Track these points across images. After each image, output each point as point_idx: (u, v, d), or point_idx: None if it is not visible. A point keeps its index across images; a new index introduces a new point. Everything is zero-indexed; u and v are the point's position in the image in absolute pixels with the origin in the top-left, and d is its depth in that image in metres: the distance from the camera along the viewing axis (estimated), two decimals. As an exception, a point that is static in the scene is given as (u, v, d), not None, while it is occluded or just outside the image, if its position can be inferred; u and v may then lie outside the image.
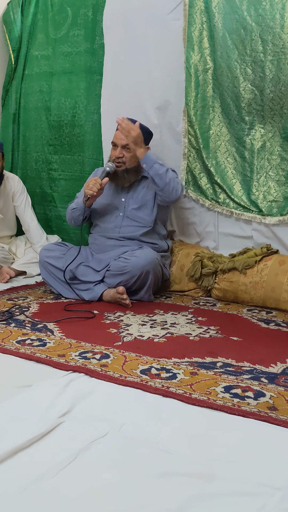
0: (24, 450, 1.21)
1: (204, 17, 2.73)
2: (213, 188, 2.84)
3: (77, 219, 2.78)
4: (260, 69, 2.57)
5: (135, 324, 2.22)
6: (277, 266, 2.51)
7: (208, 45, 2.75)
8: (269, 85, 2.56)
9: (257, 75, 2.59)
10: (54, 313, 2.38)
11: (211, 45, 2.74)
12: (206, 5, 2.71)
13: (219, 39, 2.68)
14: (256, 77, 2.60)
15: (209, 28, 2.73)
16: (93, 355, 1.81)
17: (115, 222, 2.75)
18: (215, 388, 1.54)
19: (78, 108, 3.37)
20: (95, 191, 2.61)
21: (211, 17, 2.69)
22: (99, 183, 2.62)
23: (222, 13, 2.66)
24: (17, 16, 3.59)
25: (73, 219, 2.81)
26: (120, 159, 2.69)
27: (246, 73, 2.62)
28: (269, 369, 1.70)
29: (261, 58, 2.56)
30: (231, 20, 2.63)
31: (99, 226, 2.82)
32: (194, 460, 1.18)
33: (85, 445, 1.23)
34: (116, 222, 2.75)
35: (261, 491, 1.06)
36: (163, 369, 1.69)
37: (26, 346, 1.92)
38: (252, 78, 2.61)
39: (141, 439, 1.27)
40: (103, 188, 2.66)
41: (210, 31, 2.72)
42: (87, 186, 2.63)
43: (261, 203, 2.68)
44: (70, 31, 3.35)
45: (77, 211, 2.75)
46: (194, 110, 2.83)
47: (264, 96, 2.59)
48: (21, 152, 3.71)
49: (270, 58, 2.53)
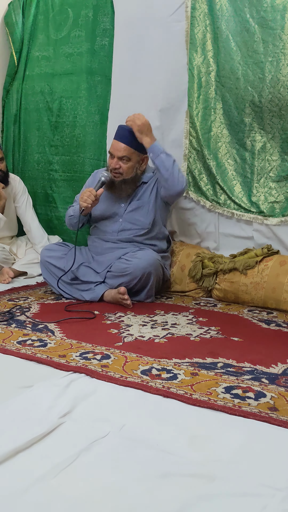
0: (25, 450, 1.21)
1: (208, 20, 2.74)
2: (214, 189, 2.84)
3: (74, 225, 2.74)
4: (260, 70, 2.58)
5: (135, 324, 2.22)
6: (278, 266, 2.51)
7: (212, 47, 2.76)
8: (267, 85, 2.56)
9: (256, 77, 2.59)
10: (55, 313, 2.38)
11: (215, 47, 2.74)
12: (209, 7, 2.72)
13: (222, 41, 2.69)
14: (255, 79, 2.60)
15: (212, 30, 2.73)
16: (94, 355, 1.81)
17: (114, 226, 2.73)
18: (216, 389, 1.54)
19: (79, 109, 3.37)
20: (90, 203, 2.57)
21: (215, 20, 2.70)
22: (94, 194, 2.57)
23: (225, 15, 2.66)
24: (19, 17, 3.59)
25: (71, 225, 2.79)
26: (117, 170, 2.63)
27: (247, 74, 2.63)
28: (269, 370, 1.70)
29: (261, 59, 2.56)
30: (234, 22, 2.64)
31: (97, 229, 2.80)
32: (195, 460, 1.18)
33: (86, 445, 1.23)
34: (114, 226, 2.73)
35: (262, 492, 1.06)
36: (164, 370, 1.69)
37: (27, 346, 1.92)
38: (252, 79, 2.61)
39: (142, 440, 1.27)
40: (98, 199, 2.61)
41: (214, 34, 2.73)
42: (82, 198, 2.59)
43: (262, 204, 2.68)
44: (71, 32, 3.35)
45: (74, 219, 2.72)
46: (196, 112, 2.84)
47: (262, 98, 2.59)
48: (22, 153, 3.71)
49: (270, 59, 2.54)
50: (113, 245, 2.70)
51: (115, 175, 2.65)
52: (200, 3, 2.74)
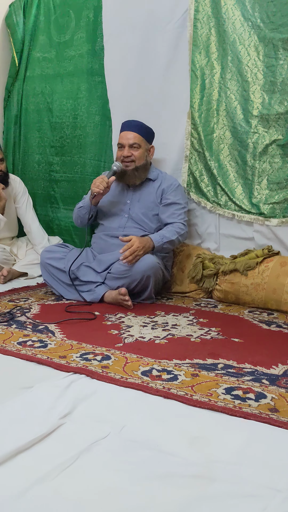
0: (25, 451, 1.21)
1: (212, 22, 2.74)
2: (215, 191, 2.85)
3: (83, 218, 2.81)
4: (271, 74, 2.58)
5: (136, 325, 2.22)
6: (279, 267, 2.51)
7: (216, 50, 2.76)
8: (279, 88, 2.57)
9: (268, 80, 2.59)
10: (55, 314, 2.38)
11: (220, 50, 2.74)
12: (213, 10, 2.72)
13: (229, 44, 2.69)
14: (266, 82, 2.60)
15: (217, 33, 2.73)
16: (94, 356, 1.81)
17: (120, 222, 2.79)
18: (216, 390, 1.54)
19: (80, 110, 3.37)
20: (102, 189, 2.66)
21: (221, 23, 2.70)
22: (106, 181, 2.67)
23: (232, 18, 2.66)
24: (20, 18, 3.59)
25: (80, 218, 2.84)
26: (129, 158, 2.72)
27: (257, 77, 2.63)
28: (270, 371, 1.70)
29: (273, 63, 2.57)
30: (242, 26, 2.64)
31: (103, 225, 2.85)
32: (195, 461, 1.18)
33: (86, 446, 1.23)
34: (120, 222, 2.78)
35: (262, 493, 1.06)
36: (164, 371, 1.69)
37: (27, 347, 1.92)
38: (262, 82, 2.62)
39: (142, 441, 1.27)
40: (109, 187, 2.70)
41: (219, 36, 2.73)
42: (94, 184, 2.68)
43: (263, 206, 2.68)
44: (74, 35, 3.35)
45: (83, 209, 2.79)
46: (199, 113, 2.84)
47: (272, 100, 2.60)
48: (23, 153, 3.72)
49: (281, 63, 2.54)
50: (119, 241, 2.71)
51: (127, 164, 2.73)
52: (204, 6, 2.75)
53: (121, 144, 2.76)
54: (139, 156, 2.74)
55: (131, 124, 2.78)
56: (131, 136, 2.74)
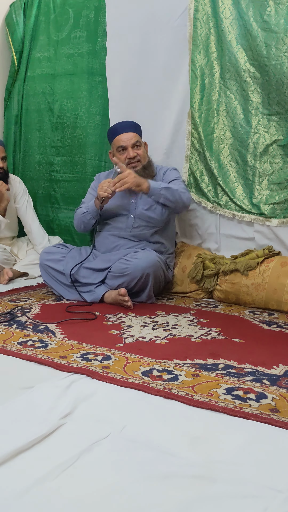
0: (26, 451, 1.21)
1: (211, 22, 2.74)
2: (215, 191, 2.85)
3: (88, 223, 2.77)
4: (265, 73, 2.58)
5: (136, 325, 2.22)
6: (279, 267, 2.51)
7: (215, 50, 2.76)
8: (273, 88, 2.57)
9: (264, 79, 2.59)
10: (56, 314, 2.38)
11: (219, 49, 2.74)
12: (213, 10, 2.72)
13: (227, 44, 2.69)
14: (263, 81, 2.60)
15: (216, 32, 2.73)
16: (95, 356, 1.81)
17: (126, 222, 2.75)
18: (217, 390, 1.54)
19: (80, 110, 3.38)
20: (110, 193, 2.62)
21: (219, 22, 2.70)
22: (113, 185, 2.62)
23: (229, 18, 2.67)
24: (20, 18, 3.60)
25: (84, 224, 2.79)
26: (135, 158, 2.71)
27: (255, 77, 2.63)
28: (271, 371, 1.70)
29: (265, 62, 2.57)
30: (239, 26, 2.64)
31: (110, 225, 2.79)
32: (196, 462, 1.18)
33: (87, 446, 1.23)
34: (127, 222, 2.74)
35: (263, 493, 1.06)
36: (165, 371, 1.69)
37: (28, 347, 1.92)
38: (260, 82, 2.61)
39: (143, 441, 1.27)
40: (115, 191, 2.65)
41: (218, 36, 2.73)
42: (101, 188, 2.62)
43: (263, 206, 2.68)
44: (72, 32, 3.36)
45: (88, 215, 2.74)
46: (199, 113, 2.84)
47: (270, 99, 2.60)
48: (23, 153, 3.72)
49: (274, 63, 2.54)
50: (128, 242, 2.70)
51: (134, 165, 2.71)
52: (204, 6, 2.75)
53: (122, 146, 2.72)
54: (143, 155, 2.74)
55: (124, 125, 2.76)
56: (131, 136, 2.72)
